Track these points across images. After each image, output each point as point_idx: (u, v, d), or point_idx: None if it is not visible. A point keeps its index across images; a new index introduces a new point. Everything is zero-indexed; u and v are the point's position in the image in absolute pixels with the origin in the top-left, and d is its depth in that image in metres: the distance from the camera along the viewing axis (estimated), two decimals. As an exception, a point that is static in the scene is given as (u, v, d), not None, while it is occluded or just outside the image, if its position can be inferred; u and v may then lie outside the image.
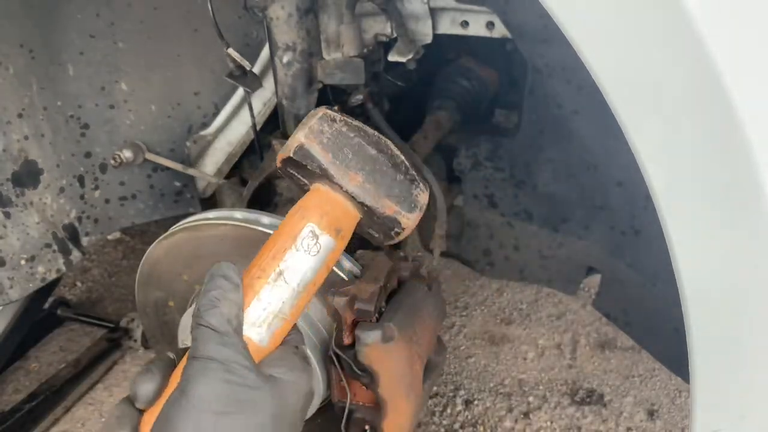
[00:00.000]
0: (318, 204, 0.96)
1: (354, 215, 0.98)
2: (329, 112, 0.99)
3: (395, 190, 0.98)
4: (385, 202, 0.97)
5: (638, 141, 0.87)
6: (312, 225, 0.93)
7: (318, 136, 0.95)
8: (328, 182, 0.96)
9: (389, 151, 1.00)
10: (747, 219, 0.83)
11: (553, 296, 2.84)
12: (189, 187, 1.95)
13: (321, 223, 0.94)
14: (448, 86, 1.93)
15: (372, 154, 0.98)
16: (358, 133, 0.98)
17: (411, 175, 1.00)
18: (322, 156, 0.95)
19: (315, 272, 0.93)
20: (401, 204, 0.98)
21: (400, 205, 0.98)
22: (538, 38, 1.24)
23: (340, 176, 0.95)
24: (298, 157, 0.96)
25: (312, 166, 0.95)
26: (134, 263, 3.10)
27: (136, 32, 1.71)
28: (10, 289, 1.63)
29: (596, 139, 1.31)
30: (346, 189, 0.95)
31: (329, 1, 1.42)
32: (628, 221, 1.34)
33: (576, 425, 2.24)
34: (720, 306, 0.91)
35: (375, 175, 0.97)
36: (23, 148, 1.61)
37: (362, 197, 0.96)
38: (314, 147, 0.95)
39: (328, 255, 0.94)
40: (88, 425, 2.27)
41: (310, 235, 0.93)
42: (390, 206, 0.97)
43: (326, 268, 0.95)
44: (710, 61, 0.78)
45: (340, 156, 0.96)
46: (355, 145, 0.97)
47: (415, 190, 1.00)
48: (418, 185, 1.01)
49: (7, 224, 1.60)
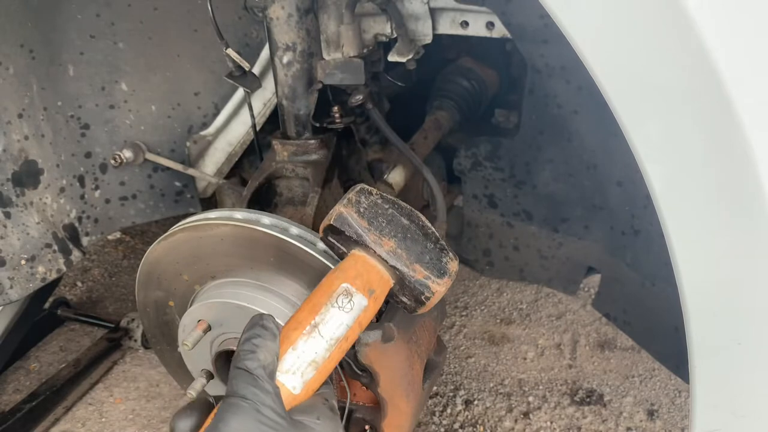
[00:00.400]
0: (353, 266, 1.04)
1: (387, 279, 1.05)
2: (366, 187, 1.09)
3: (425, 257, 1.05)
4: (416, 267, 1.04)
5: (638, 141, 0.87)
6: (347, 284, 1.01)
7: (356, 205, 1.06)
8: (364, 248, 1.05)
9: (420, 221, 1.08)
10: (747, 219, 0.84)
11: (553, 296, 2.84)
12: (189, 187, 1.95)
13: (355, 283, 1.02)
14: (448, 86, 1.94)
15: (404, 223, 1.07)
16: (392, 204, 1.08)
17: (441, 244, 1.08)
18: (358, 223, 1.04)
19: (347, 328, 0.99)
20: (431, 270, 1.05)
21: (429, 271, 1.05)
22: (538, 38, 1.24)
23: (375, 242, 1.04)
24: (337, 224, 1.05)
25: (349, 232, 1.04)
26: (134, 263, 3.11)
27: (137, 32, 1.71)
28: (11, 289, 1.63)
29: (596, 139, 1.31)
30: (380, 254, 1.04)
31: (329, 2, 1.42)
32: (627, 221, 1.34)
33: (576, 425, 2.24)
34: (720, 306, 0.91)
35: (407, 242, 1.05)
36: (23, 148, 1.61)
37: (394, 262, 1.04)
38: (352, 215, 1.05)
39: (360, 313, 1.01)
40: (88, 425, 2.27)
41: (344, 293, 1.01)
42: (420, 271, 1.04)
43: (358, 326, 1.01)
44: (710, 61, 0.78)
45: (374, 224, 1.05)
46: (389, 215, 1.07)
47: (444, 258, 1.07)
48: (447, 254, 1.08)
49: (8, 224, 1.60)
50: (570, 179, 1.42)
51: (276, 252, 1.31)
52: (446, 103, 1.92)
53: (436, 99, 1.93)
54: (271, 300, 1.32)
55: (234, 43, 1.57)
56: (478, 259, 1.72)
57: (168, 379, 2.40)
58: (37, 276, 1.66)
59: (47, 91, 1.66)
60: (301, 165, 1.55)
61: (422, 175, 1.54)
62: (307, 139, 1.54)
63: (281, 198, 1.60)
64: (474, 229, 1.67)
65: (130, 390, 2.42)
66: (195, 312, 1.37)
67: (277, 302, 1.32)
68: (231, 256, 1.35)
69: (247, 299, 1.32)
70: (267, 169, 1.57)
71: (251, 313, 1.29)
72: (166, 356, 1.65)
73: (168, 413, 2.30)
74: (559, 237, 1.53)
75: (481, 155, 1.54)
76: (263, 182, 1.56)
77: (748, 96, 0.79)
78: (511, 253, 1.64)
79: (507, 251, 1.64)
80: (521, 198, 1.53)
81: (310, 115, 1.51)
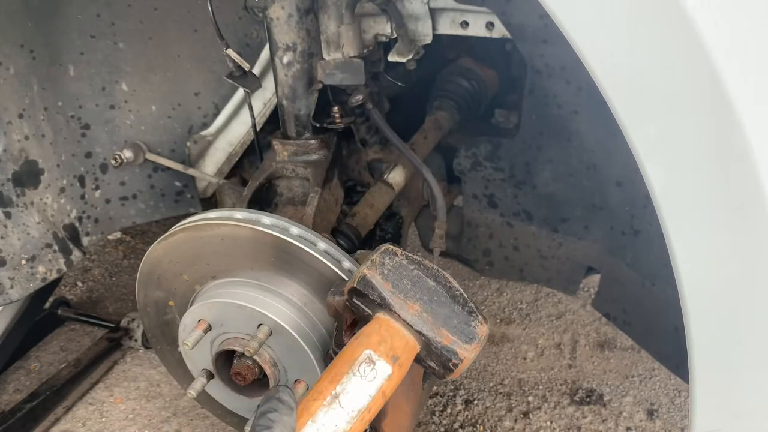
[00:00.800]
0: (377, 332, 1.00)
1: (413, 345, 1.01)
2: (391, 247, 1.06)
3: (453, 320, 1.01)
4: (443, 332, 1.00)
5: (637, 141, 0.87)
6: (369, 351, 0.97)
7: (380, 267, 1.02)
8: (388, 312, 1.01)
9: (447, 283, 1.05)
10: (746, 219, 0.84)
11: (553, 296, 2.84)
12: (189, 187, 1.95)
13: (378, 349, 0.98)
14: (448, 86, 1.94)
15: (430, 285, 1.03)
16: (417, 265, 1.04)
17: (469, 307, 1.03)
18: (382, 286, 1.01)
19: (370, 398, 0.95)
20: (459, 335, 1.01)
21: (457, 336, 1.00)
22: (538, 38, 1.25)
23: (399, 306, 1.00)
24: (360, 287, 1.02)
25: (373, 295, 1.01)
26: (135, 263, 3.11)
27: (137, 33, 1.72)
28: (11, 289, 1.63)
29: (596, 139, 1.31)
30: (404, 318, 1.00)
31: (329, 2, 1.42)
32: (627, 221, 1.34)
33: (575, 425, 2.24)
34: (719, 306, 0.91)
35: (432, 305, 1.01)
36: (24, 148, 1.61)
37: (419, 326, 1.00)
38: (376, 277, 1.01)
39: (383, 382, 0.97)
40: (88, 425, 2.28)
41: (366, 361, 0.97)
42: (447, 336, 1.00)
43: (382, 396, 0.97)
44: (709, 61, 0.78)
45: (399, 286, 1.01)
46: (414, 277, 1.03)
47: (473, 322, 1.02)
48: (476, 317, 1.03)
49: (8, 224, 1.60)
50: (570, 179, 1.42)
51: (276, 252, 1.31)
52: (446, 104, 1.92)
53: (436, 99, 1.94)
54: (271, 300, 1.32)
55: (234, 43, 1.57)
56: (478, 259, 1.72)
57: (168, 378, 2.40)
58: (37, 276, 1.67)
59: (48, 91, 1.66)
60: (301, 165, 1.55)
61: (422, 175, 1.54)
62: (307, 139, 1.55)
63: (281, 198, 1.61)
64: (474, 229, 1.67)
65: (130, 390, 2.42)
66: (195, 312, 1.37)
67: (277, 302, 1.32)
68: (231, 256, 1.35)
69: (248, 299, 1.32)
70: (267, 169, 1.57)
71: (251, 312, 1.30)
72: (166, 356, 1.65)
73: (168, 413, 2.30)
74: (559, 237, 1.53)
75: (481, 155, 1.54)
76: (263, 182, 1.57)
77: (748, 96, 0.79)
78: (511, 253, 1.64)
79: (507, 251, 1.64)
80: (521, 198, 1.53)
81: (310, 115, 1.52)
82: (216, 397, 1.50)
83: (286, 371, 1.34)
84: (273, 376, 1.33)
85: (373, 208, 1.67)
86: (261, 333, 1.28)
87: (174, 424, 2.26)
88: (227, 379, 1.38)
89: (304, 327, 1.31)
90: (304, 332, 1.30)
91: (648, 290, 1.33)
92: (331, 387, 0.94)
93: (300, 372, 1.33)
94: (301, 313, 1.32)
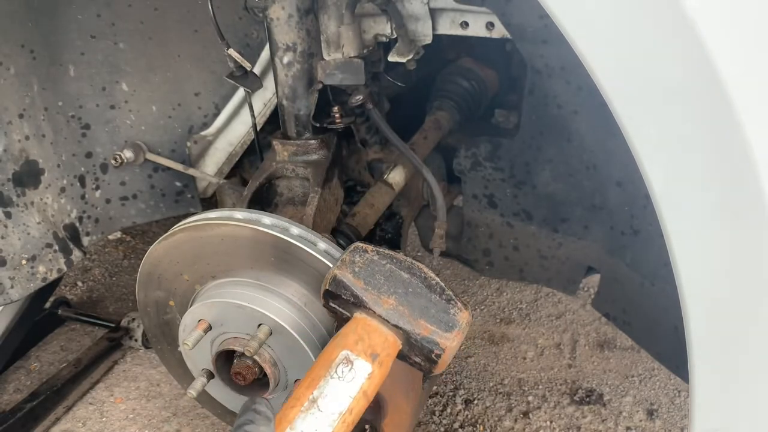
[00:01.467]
0: (354, 331, 0.99)
1: (392, 341, 0.99)
2: (360, 245, 1.04)
3: (431, 310, 0.99)
4: (421, 323, 0.98)
5: (637, 141, 0.88)
6: (346, 351, 0.96)
7: (350, 266, 1.01)
8: (364, 310, 1.00)
9: (422, 273, 1.02)
10: (746, 219, 0.84)
11: (553, 296, 2.84)
12: (190, 187, 1.95)
13: (356, 348, 0.96)
14: (448, 87, 1.94)
15: (404, 277, 1.01)
16: (389, 260, 1.02)
17: (447, 295, 1.01)
18: (353, 283, 1.00)
19: (351, 399, 0.93)
20: (438, 324, 0.99)
21: (436, 325, 0.98)
22: (538, 39, 1.25)
23: (373, 301, 0.99)
24: (332, 288, 1.01)
25: (346, 294, 1.00)
26: (135, 263, 3.11)
27: (137, 33, 1.72)
28: (11, 288, 1.63)
29: (595, 139, 1.31)
30: (380, 313, 0.98)
31: (329, 2, 1.42)
32: (627, 221, 1.34)
33: (575, 425, 2.24)
34: (719, 306, 0.91)
35: (408, 297, 0.99)
36: (24, 148, 1.61)
37: (396, 320, 0.98)
38: (346, 276, 1.00)
39: (364, 382, 0.95)
40: (89, 424, 2.28)
41: (344, 362, 0.95)
42: (426, 327, 0.98)
43: (364, 396, 0.95)
44: (709, 61, 0.78)
45: (372, 282, 1.00)
46: (387, 271, 1.01)
47: (452, 309, 1.00)
48: (455, 304, 1.01)
49: (8, 224, 1.60)
50: (570, 179, 1.42)
51: (276, 252, 1.31)
52: (446, 104, 1.92)
53: (436, 99, 1.94)
54: (271, 300, 1.32)
55: (234, 43, 1.57)
56: (478, 259, 1.72)
57: (168, 378, 2.41)
58: (37, 276, 1.67)
59: (48, 91, 1.66)
60: (301, 165, 1.55)
61: (422, 175, 1.54)
62: (307, 140, 1.55)
63: (282, 198, 1.61)
64: (474, 229, 1.67)
65: (130, 389, 2.42)
66: (195, 312, 1.37)
67: (277, 302, 1.32)
68: (231, 256, 1.36)
69: (248, 299, 1.32)
70: (267, 169, 1.57)
71: (252, 312, 1.30)
72: (166, 356, 1.65)
73: (168, 413, 2.30)
74: (559, 237, 1.53)
75: (481, 155, 1.54)
76: (264, 182, 1.57)
77: (748, 96, 0.79)
78: (511, 253, 1.64)
79: (507, 251, 1.64)
80: (521, 198, 1.53)
81: (310, 116, 1.52)
82: (216, 396, 1.51)
83: (286, 371, 1.34)
84: (273, 375, 1.33)
85: (373, 208, 1.67)
86: (261, 333, 1.28)
87: (174, 423, 2.26)
88: (227, 378, 1.38)
89: (304, 327, 1.31)
90: (304, 332, 1.31)
91: (648, 290, 1.33)
92: (308, 392, 0.93)
93: (300, 372, 1.33)
94: (301, 313, 1.32)
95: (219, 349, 1.35)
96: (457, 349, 1.01)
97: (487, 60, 1.98)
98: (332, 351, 0.97)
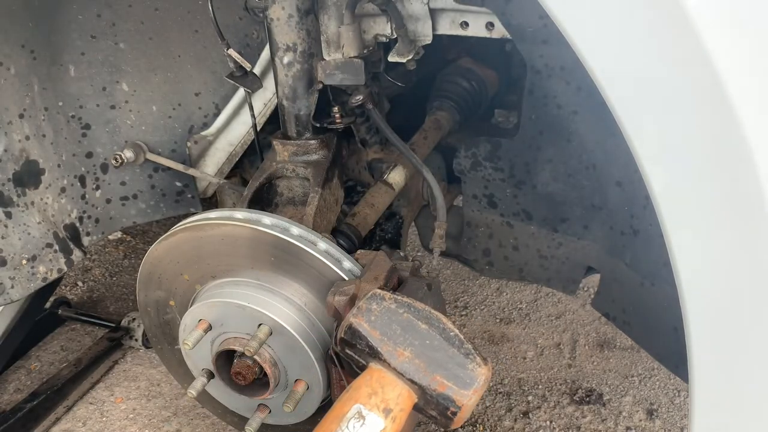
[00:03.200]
0: (367, 383, 0.96)
1: (407, 395, 0.96)
2: (378, 292, 1.01)
3: (448, 365, 0.96)
4: (437, 378, 0.95)
5: (637, 141, 0.88)
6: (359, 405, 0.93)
7: (366, 314, 0.98)
8: (379, 361, 0.96)
9: (441, 324, 0.99)
10: (746, 219, 0.84)
11: (553, 296, 2.84)
12: (190, 187, 1.95)
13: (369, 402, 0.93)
14: (448, 87, 1.94)
15: (422, 328, 0.97)
16: (407, 309, 0.99)
17: (466, 348, 0.98)
18: (369, 334, 0.97)
19: None
20: (455, 380, 0.95)
21: (453, 381, 0.95)
22: (538, 39, 1.25)
23: (389, 353, 0.95)
24: (348, 337, 0.98)
25: (361, 344, 0.97)
26: (135, 263, 3.11)
27: (137, 33, 1.72)
28: (12, 288, 1.63)
29: (595, 139, 1.31)
30: (395, 366, 0.95)
31: (329, 2, 1.43)
32: (627, 221, 1.35)
33: (575, 424, 2.24)
34: (719, 306, 0.91)
35: (425, 350, 0.96)
36: (24, 149, 1.61)
37: (411, 374, 0.95)
38: (362, 325, 0.97)
39: None
40: (89, 424, 2.28)
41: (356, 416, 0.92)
42: (442, 383, 0.94)
43: None
44: (709, 61, 0.78)
45: (388, 333, 0.96)
46: (404, 321, 0.97)
47: (470, 365, 0.96)
48: (474, 359, 0.97)
49: (9, 224, 1.60)
50: (569, 179, 1.42)
51: (277, 252, 1.31)
52: (446, 104, 1.92)
53: (436, 99, 1.94)
54: (271, 300, 1.33)
55: (235, 43, 1.57)
56: (477, 259, 1.72)
57: (169, 378, 2.41)
58: (38, 276, 1.67)
59: (48, 91, 1.66)
60: (301, 165, 1.55)
61: (422, 175, 1.54)
62: (307, 140, 1.55)
63: (282, 198, 1.61)
64: (474, 229, 1.67)
65: (130, 389, 2.42)
66: (196, 311, 1.37)
67: (277, 302, 1.32)
68: (232, 255, 1.36)
69: (248, 299, 1.32)
70: (267, 169, 1.57)
71: (252, 312, 1.30)
72: (166, 355, 1.65)
73: (169, 412, 2.31)
74: (559, 237, 1.53)
75: (481, 155, 1.54)
76: (264, 182, 1.57)
77: (748, 96, 0.79)
78: (511, 253, 1.64)
79: (506, 251, 1.65)
80: (521, 198, 1.53)
81: (310, 116, 1.52)
82: (216, 396, 1.51)
83: (286, 371, 1.34)
84: (273, 375, 1.33)
85: (373, 208, 1.67)
86: (261, 333, 1.28)
87: (174, 423, 2.26)
88: (227, 378, 1.38)
89: (304, 327, 1.31)
90: (304, 332, 1.31)
91: (647, 290, 1.33)
92: None
93: (300, 371, 1.33)
94: (301, 312, 1.32)
95: (219, 348, 1.36)
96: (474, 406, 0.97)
97: (487, 60, 1.98)
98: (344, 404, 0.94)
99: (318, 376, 1.32)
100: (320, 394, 1.34)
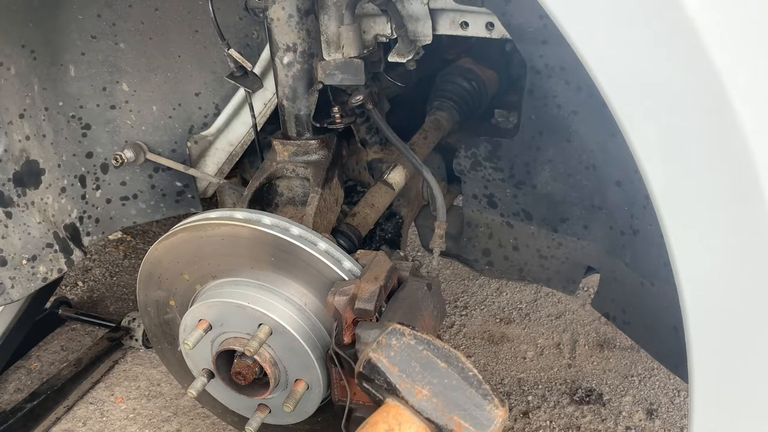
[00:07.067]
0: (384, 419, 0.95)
1: None
2: (399, 327, 1.00)
3: (466, 405, 0.95)
4: (454, 419, 0.94)
5: (637, 141, 0.88)
6: None
7: (386, 350, 0.98)
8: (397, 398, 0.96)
9: (459, 363, 0.98)
10: (746, 219, 0.84)
11: (553, 296, 2.85)
12: (190, 187, 1.95)
13: None
14: (448, 87, 1.94)
15: (441, 367, 0.97)
16: (427, 346, 0.99)
17: (484, 389, 0.97)
18: (388, 370, 0.96)
19: None
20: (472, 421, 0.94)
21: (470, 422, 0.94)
22: (538, 39, 1.25)
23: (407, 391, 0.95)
24: (366, 372, 0.98)
25: (379, 380, 0.97)
26: (136, 263, 3.11)
27: (138, 33, 1.72)
28: (12, 288, 1.63)
29: (595, 139, 1.31)
30: (413, 404, 0.95)
31: (330, 2, 1.43)
32: (626, 221, 1.35)
33: (575, 424, 2.24)
34: (719, 306, 0.91)
35: (443, 389, 0.96)
36: (25, 149, 1.61)
37: (429, 413, 0.94)
38: (381, 361, 0.97)
39: None
40: (89, 424, 2.28)
41: None
42: (459, 423, 0.94)
43: None
44: (709, 61, 0.78)
45: (407, 369, 0.96)
46: (424, 359, 0.97)
47: (488, 406, 0.96)
48: (492, 400, 0.96)
49: (9, 224, 1.61)
50: (569, 179, 1.42)
51: (277, 252, 1.31)
52: (446, 104, 1.92)
53: (436, 99, 1.94)
54: (271, 299, 1.33)
55: (235, 43, 1.58)
56: (477, 259, 1.72)
57: (169, 378, 2.41)
58: (38, 276, 1.67)
59: (48, 91, 1.66)
60: (301, 165, 1.56)
61: (422, 175, 1.54)
62: (307, 140, 1.55)
63: (282, 198, 1.61)
64: (474, 229, 1.67)
65: (131, 389, 2.43)
66: (196, 311, 1.37)
67: (277, 302, 1.32)
68: (232, 255, 1.36)
69: (248, 299, 1.32)
70: (268, 169, 1.58)
71: (252, 312, 1.30)
72: (166, 355, 1.65)
73: (169, 412, 2.31)
74: (559, 237, 1.53)
75: (481, 155, 1.54)
76: (264, 182, 1.57)
77: (748, 97, 0.79)
78: (511, 253, 1.64)
79: (506, 251, 1.65)
80: (521, 198, 1.54)
81: (310, 116, 1.52)
82: (216, 396, 1.51)
83: (286, 370, 1.34)
84: (273, 375, 1.33)
85: (373, 208, 1.67)
86: (261, 332, 1.28)
87: (174, 423, 2.26)
88: (228, 378, 1.38)
89: (304, 326, 1.32)
90: (304, 332, 1.31)
91: (647, 290, 1.33)
92: None
93: (300, 371, 1.33)
94: (301, 312, 1.32)
95: (219, 348, 1.36)
96: None
97: (486, 60, 1.99)
98: None
99: (318, 376, 1.32)
100: (320, 394, 1.35)
